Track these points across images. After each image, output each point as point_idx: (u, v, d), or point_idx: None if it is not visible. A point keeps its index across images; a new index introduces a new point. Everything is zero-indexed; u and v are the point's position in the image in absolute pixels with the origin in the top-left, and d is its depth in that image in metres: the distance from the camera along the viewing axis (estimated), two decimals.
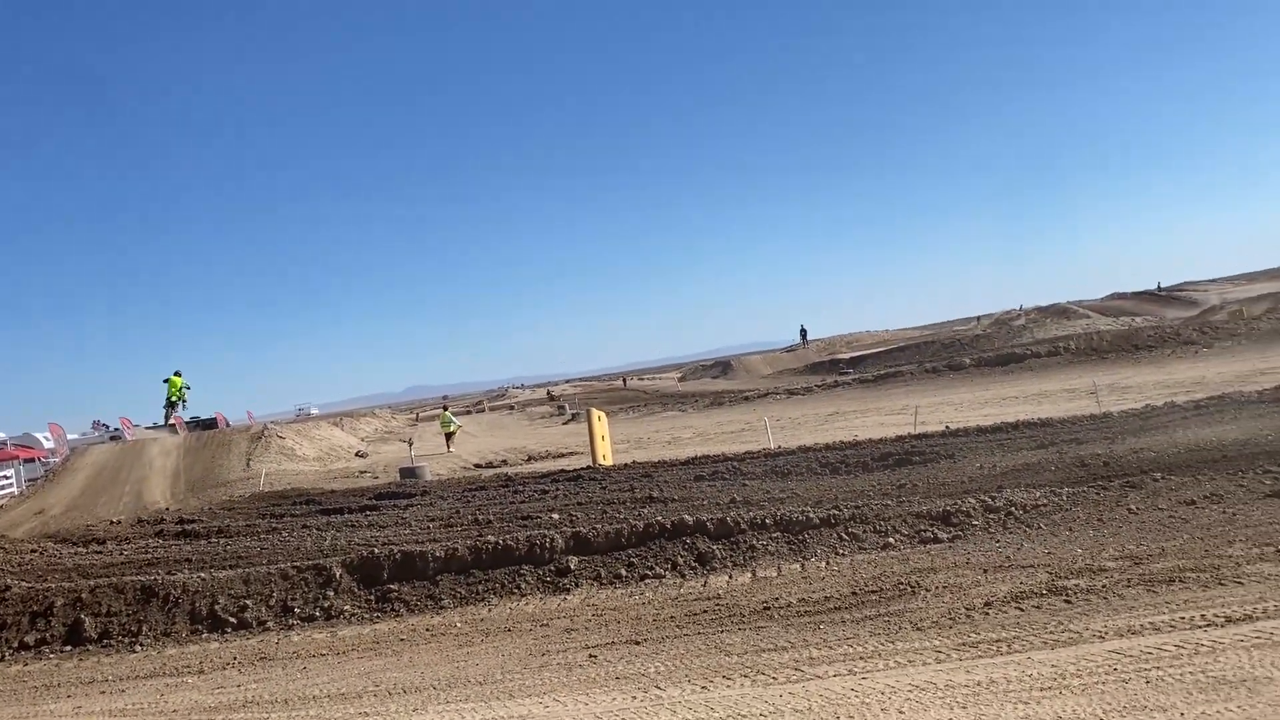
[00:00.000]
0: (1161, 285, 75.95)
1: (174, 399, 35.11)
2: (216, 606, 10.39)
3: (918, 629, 7.00)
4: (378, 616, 10.07)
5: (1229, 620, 6.31)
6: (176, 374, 35.26)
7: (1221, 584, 7.13)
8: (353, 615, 10.10)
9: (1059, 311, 60.11)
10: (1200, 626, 6.30)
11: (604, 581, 9.89)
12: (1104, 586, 7.33)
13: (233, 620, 10.23)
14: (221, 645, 9.78)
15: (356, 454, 33.87)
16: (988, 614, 7.08)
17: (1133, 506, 9.74)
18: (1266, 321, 35.49)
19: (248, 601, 10.46)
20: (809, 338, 76.37)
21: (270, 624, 10.15)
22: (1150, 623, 6.43)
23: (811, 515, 10.38)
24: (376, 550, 11.23)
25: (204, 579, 10.97)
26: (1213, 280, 79.89)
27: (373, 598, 10.44)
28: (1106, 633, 6.38)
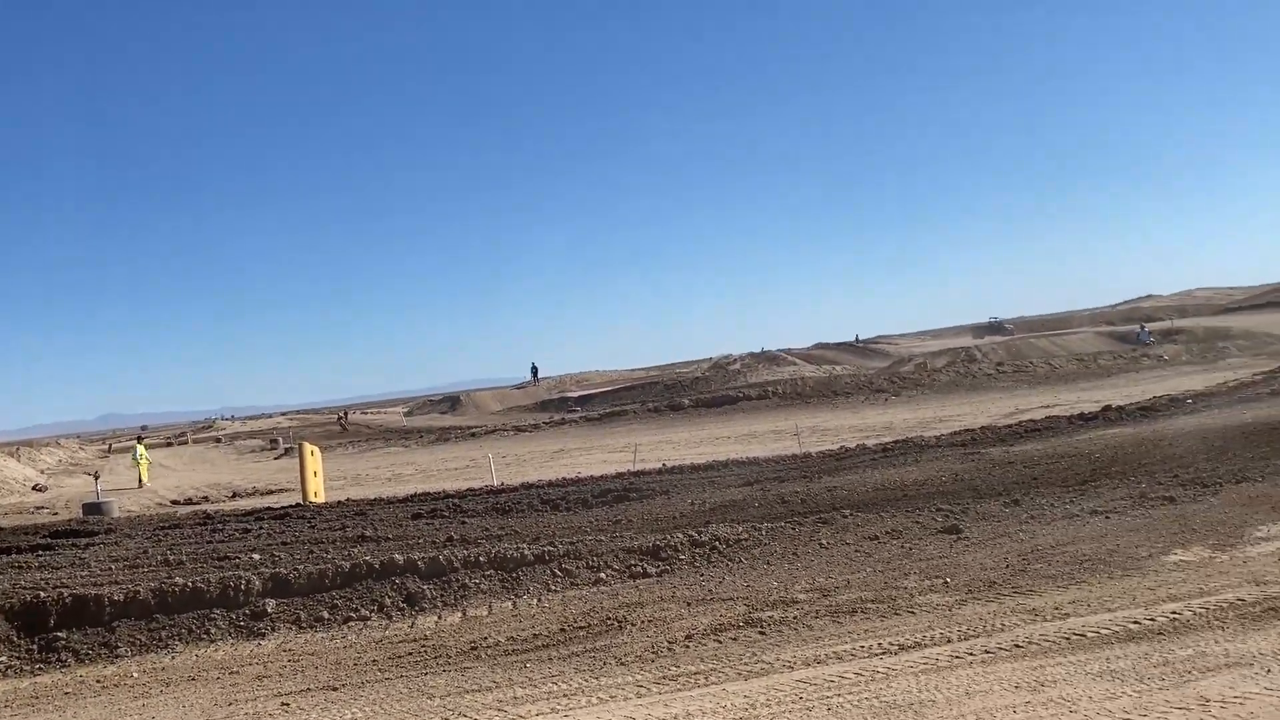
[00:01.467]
0: (860, 337, 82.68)
1: None
2: None
3: (622, 664, 7.07)
4: (40, 668, 8.98)
5: (902, 648, 6.81)
6: None
7: (897, 614, 7.70)
8: (9, 667, 8.94)
9: (770, 358, 63.88)
10: (877, 654, 6.75)
11: (304, 625, 9.33)
12: (795, 618, 7.73)
13: None
14: None
15: (34, 487, 30.51)
16: (688, 647, 7.27)
17: (824, 541, 10.39)
18: (945, 375, 39.32)
19: None
20: (540, 375, 76.89)
21: None
22: (834, 652, 6.83)
23: (526, 552, 10.31)
24: (43, 594, 10.05)
25: None
26: (903, 335, 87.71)
27: (35, 647, 9.29)
28: (795, 662, 6.71)
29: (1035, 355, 42.08)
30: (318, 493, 19.91)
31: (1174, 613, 6.94)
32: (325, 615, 9.44)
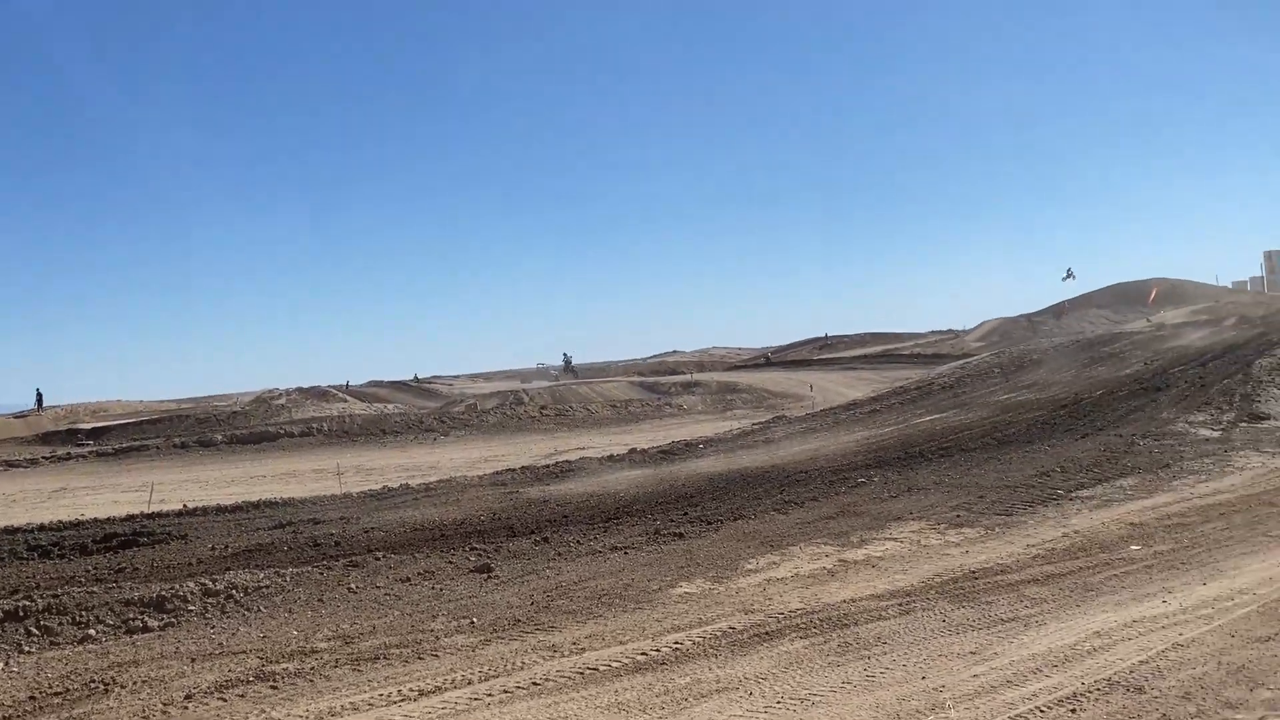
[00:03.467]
0: (419, 376, 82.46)
1: None
2: None
3: None
4: None
5: (422, 693, 6.65)
6: None
7: (421, 658, 7.54)
8: None
9: (319, 394, 61.53)
10: (396, 701, 6.54)
11: None
12: (313, 669, 7.28)
13: None
14: None
15: None
16: (187, 708, 6.55)
17: (353, 585, 9.99)
18: (494, 415, 40.26)
19: None
20: (45, 404, 67.52)
21: None
22: (350, 702, 6.51)
23: None
24: None
25: None
26: (457, 375, 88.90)
27: None
28: (307, 716, 6.29)
29: (576, 400, 44.48)
30: None
31: (677, 643, 7.48)
32: None
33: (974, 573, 9.15)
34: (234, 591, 9.60)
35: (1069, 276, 68.47)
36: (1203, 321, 46.86)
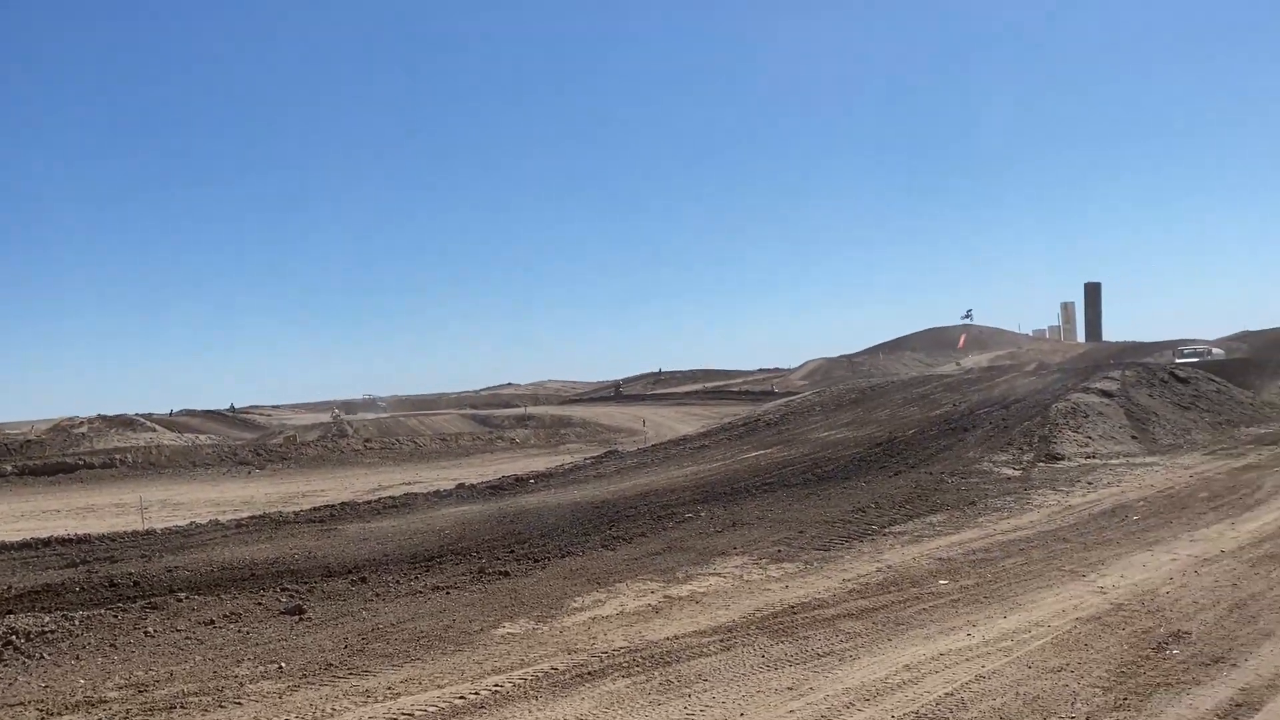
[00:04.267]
0: (235, 406, 78.82)
1: None
2: None
3: None
4: None
5: None
6: None
7: (223, 706, 7.09)
8: None
9: (125, 422, 57.88)
10: None
11: None
12: None
13: None
14: None
15: None
16: None
17: (151, 629, 9.32)
18: (314, 449, 38.80)
19: None
20: None
21: None
22: None
23: None
24: None
25: None
26: (278, 405, 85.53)
27: None
28: None
29: (404, 433, 43.42)
30: None
31: (496, 685, 7.29)
32: None
33: (793, 608, 9.34)
34: (14, 638, 8.80)
35: (967, 317, 72.69)
36: (1006, 366, 50.01)
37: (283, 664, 8.11)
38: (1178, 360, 40.70)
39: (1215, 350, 53.90)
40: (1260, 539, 11.42)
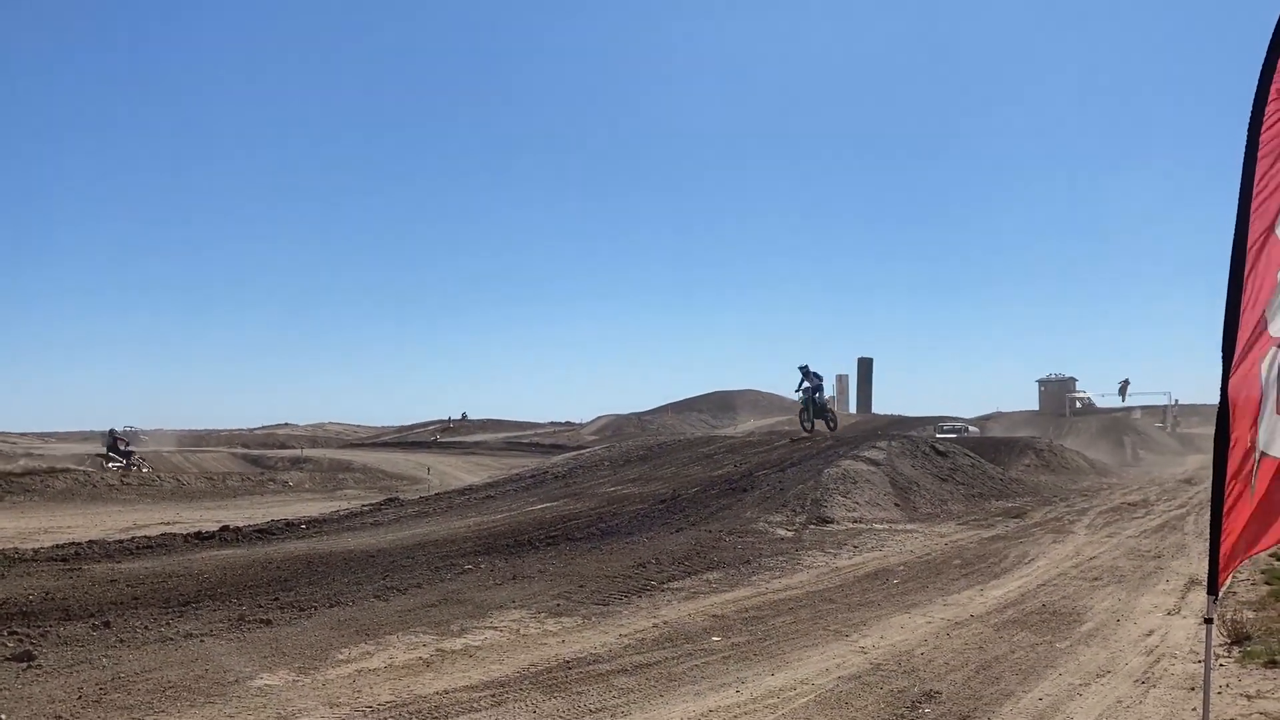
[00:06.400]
0: None
1: None
2: None
3: None
4: None
5: None
6: None
7: None
8: None
9: None
10: None
11: None
12: None
13: None
14: None
15: None
16: None
17: None
18: (63, 481, 35.71)
19: None
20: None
21: None
22: None
23: None
24: None
25: None
26: (23, 433, 78.15)
27: None
28: None
29: (165, 469, 40.62)
30: None
31: None
32: None
33: (568, 662, 9.26)
34: None
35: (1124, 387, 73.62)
36: (786, 431, 52.16)
37: (4, 716, 7.31)
38: (938, 435, 43.64)
39: (971, 428, 58.36)
40: (1004, 605, 12.29)
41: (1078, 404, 74.91)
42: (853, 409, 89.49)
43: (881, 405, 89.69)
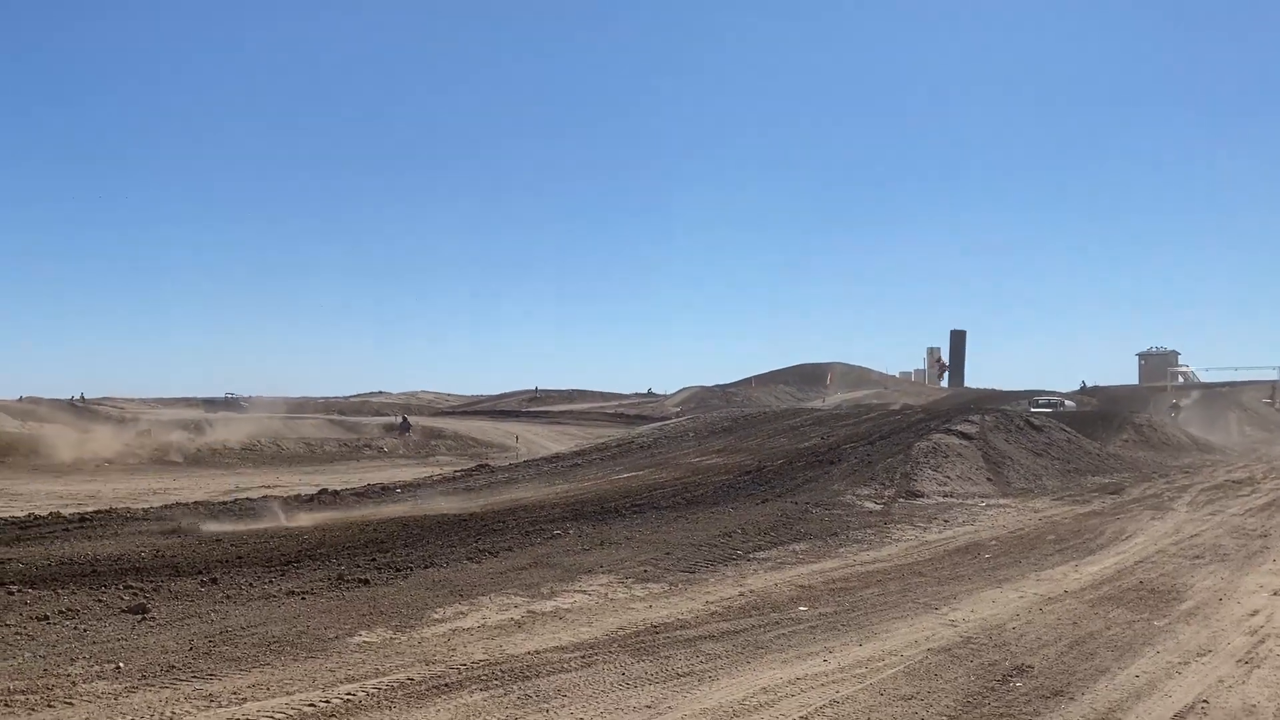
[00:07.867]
0: (85, 396, 74.88)
1: None
2: None
3: None
4: None
5: None
6: None
7: (52, 705, 6.70)
8: None
9: None
10: None
11: None
12: None
13: None
14: None
15: None
16: None
17: None
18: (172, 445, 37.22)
19: None
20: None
21: None
22: None
23: None
24: None
25: None
26: (131, 399, 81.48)
27: None
28: None
29: (266, 435, 41.97)
30: None
31: (349, 694, 7.08)
32: None
33: (656, 627, 9.37)
34: None
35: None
36: (874, 404, 51.54)
37: (121, 664, 7.71)
38: (1032, 409, 42.65)
39: (1068, 402, 56.83)
40: (1100, 581, 12.01)
41: (1179, 379, 72.41)
42: (944, 381, 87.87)
43: (974, 379, 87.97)
